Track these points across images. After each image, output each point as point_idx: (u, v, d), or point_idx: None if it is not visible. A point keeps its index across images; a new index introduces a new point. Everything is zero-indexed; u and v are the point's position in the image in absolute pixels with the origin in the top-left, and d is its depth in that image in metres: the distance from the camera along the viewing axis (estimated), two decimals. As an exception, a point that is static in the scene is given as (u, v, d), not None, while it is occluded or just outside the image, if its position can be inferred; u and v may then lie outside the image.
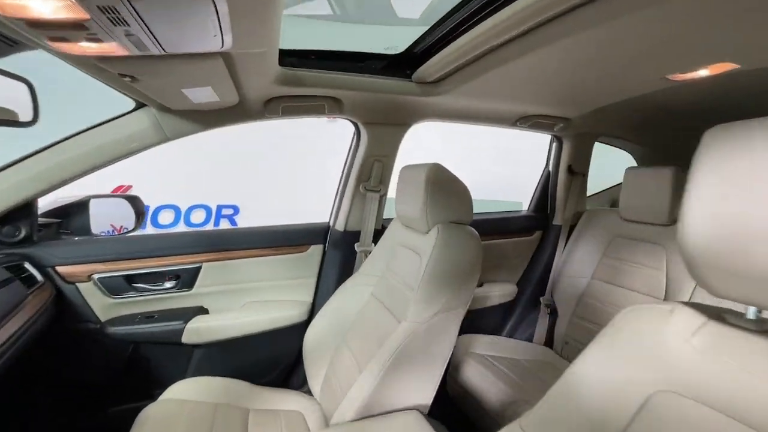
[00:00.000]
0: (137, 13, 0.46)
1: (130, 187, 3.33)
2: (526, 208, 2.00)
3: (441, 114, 1.43)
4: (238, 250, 1.42)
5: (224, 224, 3.70)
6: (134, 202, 1.48)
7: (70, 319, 1.22)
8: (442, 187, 1.07)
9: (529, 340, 1.82)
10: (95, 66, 0.67)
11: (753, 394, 0.43)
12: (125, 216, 1.46)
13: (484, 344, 1.59)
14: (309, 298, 1.53)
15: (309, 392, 1.28)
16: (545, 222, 1.89)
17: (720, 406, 0.45)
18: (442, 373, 0.98)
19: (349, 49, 1.12)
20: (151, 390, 1.30)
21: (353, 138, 1.48)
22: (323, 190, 1.67)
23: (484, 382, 1.36)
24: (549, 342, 1.72)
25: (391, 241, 1.29)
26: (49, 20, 0.46)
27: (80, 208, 1.32)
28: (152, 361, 1.35)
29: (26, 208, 1.15)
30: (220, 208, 3.77)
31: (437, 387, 0.98)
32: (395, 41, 1.22)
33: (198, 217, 3.69)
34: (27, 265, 1.14)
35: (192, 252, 1.36)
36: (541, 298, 1.80)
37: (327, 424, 1.08)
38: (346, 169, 1.52)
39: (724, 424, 0.44)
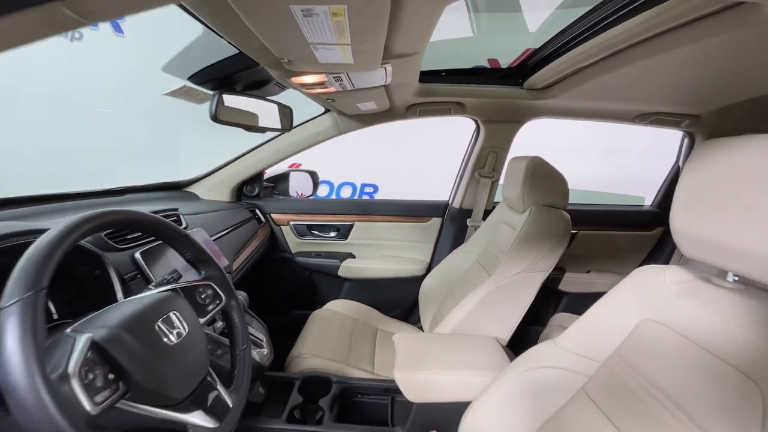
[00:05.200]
0: (348, 76, 0.91)
1: (299, 165, 4.28)
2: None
3: (551, 113, 1.62)
4: (378, 215, 1.91)
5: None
6: (313, 175, 2.12)
7: (276, 250, 1.90)
8: (540, 175, 1.31)
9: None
10: (318, 96, 1.18)
11: (716, 328, 0.59)
12: (306, 185, 2.11)
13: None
14: (427, 258, 1.94)
15: (421, 328, 1.71)
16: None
17: (691, 336, 0.62)
18: (519, 319, 1.26)
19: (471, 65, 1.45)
20: (317, 303, 1.90)
21: (474, 133, 1.80)
22: (445, 174, 2.03)
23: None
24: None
25: (496, 219, 1.59)
26: (309, 83, 0.94)
27: (284, 177, 2.01)
28: (318, 285, 1.97)
29: (259, 176, 1.85)
30: (363, 186, 4.50)
31: (514, 329, 1.27)
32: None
33: (346, 192, 4.48)
34: (257, 211, 1.84)
35: (348, 213, 1.91)
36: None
37: None
38: (466, 157, 1.85)
39: (689, 349, 0.61)
